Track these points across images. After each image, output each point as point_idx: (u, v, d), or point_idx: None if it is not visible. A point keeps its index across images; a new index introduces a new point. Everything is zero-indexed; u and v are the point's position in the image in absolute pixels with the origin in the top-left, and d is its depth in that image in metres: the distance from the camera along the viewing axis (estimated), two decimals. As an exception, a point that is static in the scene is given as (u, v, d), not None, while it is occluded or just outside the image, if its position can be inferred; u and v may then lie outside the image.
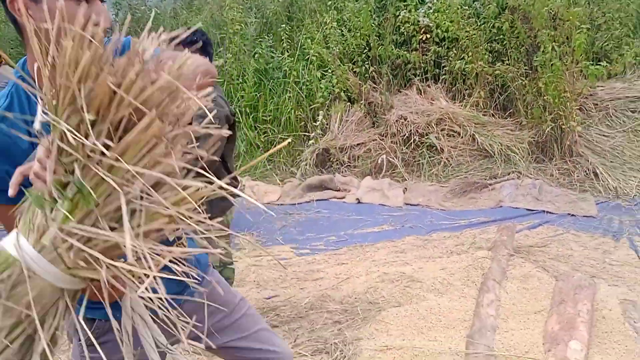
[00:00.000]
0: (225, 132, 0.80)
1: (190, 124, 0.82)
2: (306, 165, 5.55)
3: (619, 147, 5.08)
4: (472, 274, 3.17)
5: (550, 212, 4.39)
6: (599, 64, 5.30)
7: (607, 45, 5.71)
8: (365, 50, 6.19)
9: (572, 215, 4.31)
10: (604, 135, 5.23)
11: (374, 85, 6.11)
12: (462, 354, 2.33)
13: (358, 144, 5.65)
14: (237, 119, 2.12)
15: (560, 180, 4.94)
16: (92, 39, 0.72)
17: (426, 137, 5.57)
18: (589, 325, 2.43)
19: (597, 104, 5.44)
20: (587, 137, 5.17)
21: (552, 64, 4.99)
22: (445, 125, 5.62)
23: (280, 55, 6.30)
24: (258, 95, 6.09)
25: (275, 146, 5.90)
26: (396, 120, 5.68)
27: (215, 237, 0.80)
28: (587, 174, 4.89)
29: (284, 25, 6.47)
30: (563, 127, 5.04)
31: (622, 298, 2.85)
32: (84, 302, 0.85)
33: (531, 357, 2.25)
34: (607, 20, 5.73)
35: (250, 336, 1.46)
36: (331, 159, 5.67)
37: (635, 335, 2.47)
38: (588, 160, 4.95)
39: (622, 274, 3.26)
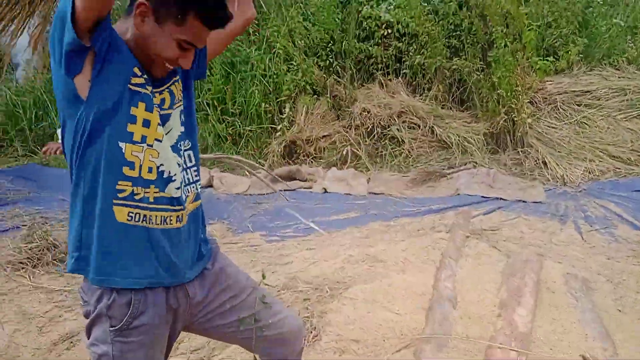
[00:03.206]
0: None
1: None
2: (273, 156, 5.70)
3: (565, 138, 5.45)
4: (431, 254, 3.41)
5: (502, 199, 4.71)
6: (547, 60, 5.66)
7: (556, 42, 6.09)
8: (330, 45, 6.38)
9: (523, 201, 4.64)
10: (552, 127, 5.60)
11: (338, 79, 6.31)
12: (422, 321, 2.56)
13: (324, 136, 5.85)
14: None
15: (512, 169, 5.28)
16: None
17: (388, 129, 5.83)
18: (535, 294, 2.71)
19: (546, 98, 5.81)
20: (537, 129, 5.52)
21: (505, 60, 5.31)
22: (406, 117, 5.89)
23: (247, 48, 6.40)
24: (225, 88, 6.18)
25: (242, 138, 6.03)
26: (360, 113, 5.91)
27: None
28: (536, 163, 5.24)
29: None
30: (515, 119, 5.38)
31: (565, 272, 3.15)
32: None
33: (483, 322, 2.50)
34: (555, 18, 6.10)
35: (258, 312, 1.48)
36: (298, 150, 5.84)
37: (575, 302, 2.76)
38: (538, 151, 5.30)
39: (566, 253, 3.57)
